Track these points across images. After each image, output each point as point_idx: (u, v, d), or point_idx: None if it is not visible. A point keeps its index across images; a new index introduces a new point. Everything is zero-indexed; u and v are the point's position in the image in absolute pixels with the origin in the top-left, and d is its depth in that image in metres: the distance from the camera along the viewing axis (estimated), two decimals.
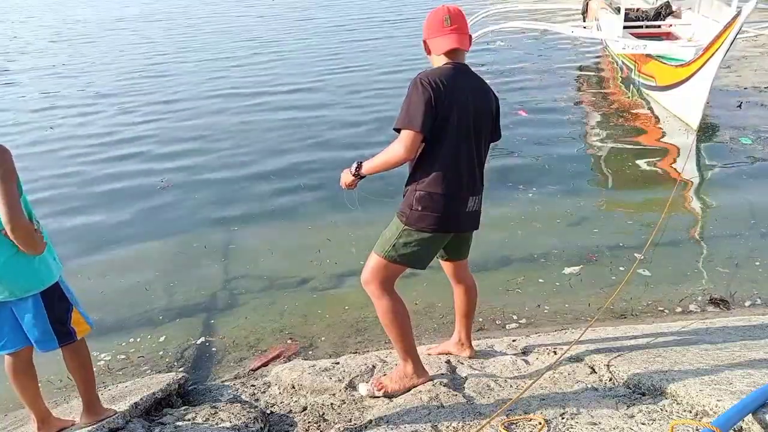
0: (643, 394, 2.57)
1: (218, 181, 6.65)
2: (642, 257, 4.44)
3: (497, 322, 3.96)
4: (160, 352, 3.89)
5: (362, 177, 2.69)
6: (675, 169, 6.40)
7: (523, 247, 4.86)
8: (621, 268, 4.37)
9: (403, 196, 2.66)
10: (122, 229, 5.64)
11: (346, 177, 2.73)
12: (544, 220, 5.30)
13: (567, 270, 4.49)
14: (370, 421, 2.63)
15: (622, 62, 9.80)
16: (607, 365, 2.88)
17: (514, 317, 3.98)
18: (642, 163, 6.63)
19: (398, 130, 2.50)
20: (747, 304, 3.98)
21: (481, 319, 3.92)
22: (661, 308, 3.99)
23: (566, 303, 4.10)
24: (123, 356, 3.88)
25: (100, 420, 2.63)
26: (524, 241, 4.96)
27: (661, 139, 7.44)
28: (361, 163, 2.66)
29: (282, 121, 8.58)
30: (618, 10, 9.42)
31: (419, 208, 2.56)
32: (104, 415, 2.66)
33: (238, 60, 12.87)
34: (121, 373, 3.70)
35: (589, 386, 2.73)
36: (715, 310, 3.90)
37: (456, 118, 2.52)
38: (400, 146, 2.48)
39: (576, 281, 4.36)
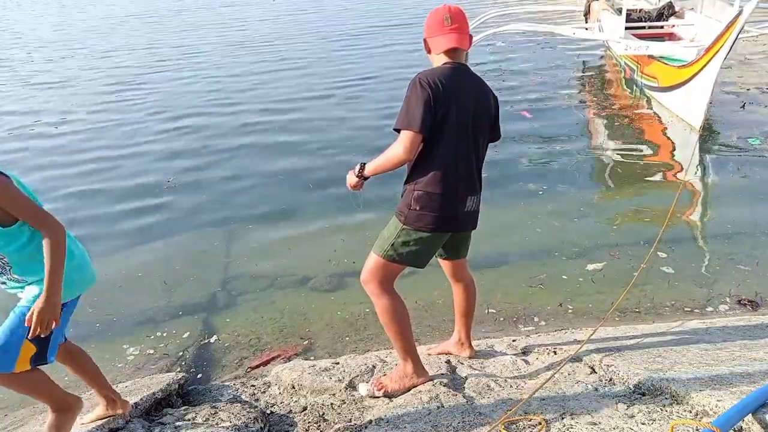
0: (643, 394, 2.56)
1: (224, 180, 6.65)
2: (658, 255, 4.43)
3: (520, 320, 3.92)
4: (161, 352, 3.90)
5: (366, 178, 2.70)
6: (679, 169, 6.38)
7: (542, 245, 4.87)
8: (643, 266, 4.35)
9: (401, 195, 2.66)
10: (125, 228, 5.65)
11: (351, 178, 2.74)
12: (560, 218, 5.31)
13: (590, 267, 4.49)
14: (370, 421, 2.63)
15: (625, 63, 9.78)
16: (607, 365, 2.87)
17: (535, 318, 3.94)
18: (646, 163, 6.62)
19: (398, 131, 2.50)
20: None
21: (502, 318, 3.92)
22: (688, 308, 3.94)
23: (590, 303, 4.07)
24: (123, 356, 3.88)
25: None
26: (543, 239, 4.96)
27: (665, 140, 7.42)
28: (364, 164, 2.67)
29: (287, 122, 8.58)
30: (620, 11, 9.42)
31: (417, 208, 2.56)
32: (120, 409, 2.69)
33: (245, 60, 12.91)
34: (121, 373, 3.70)
35: (589, 386, 2.73)
36: (743, 309, 3.87)
37: (455, 118, 2.51)
38: (400, 147, 2.48)
39: (599, 278, 4.36)
